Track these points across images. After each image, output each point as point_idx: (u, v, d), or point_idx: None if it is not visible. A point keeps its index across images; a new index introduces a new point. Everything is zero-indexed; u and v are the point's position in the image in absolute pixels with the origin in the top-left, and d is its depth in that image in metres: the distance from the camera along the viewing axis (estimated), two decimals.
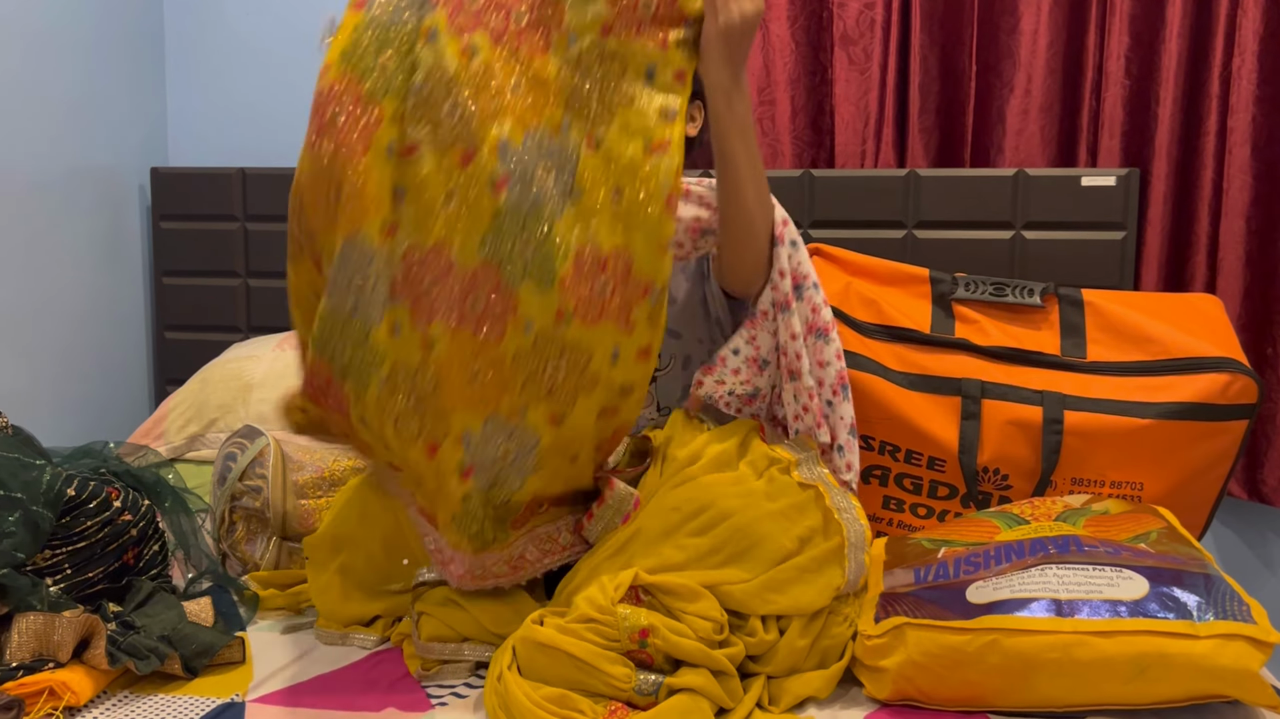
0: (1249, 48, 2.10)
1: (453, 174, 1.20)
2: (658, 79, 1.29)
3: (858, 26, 2.31)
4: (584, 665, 1.23)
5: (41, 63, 2.28)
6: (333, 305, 1.23)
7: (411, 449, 1.28)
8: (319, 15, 2.60)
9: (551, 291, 1.21)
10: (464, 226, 1.20)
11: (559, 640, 1.24)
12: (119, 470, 1.59)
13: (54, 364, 2.33)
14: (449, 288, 1.21)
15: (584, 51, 1.26)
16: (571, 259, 1.21)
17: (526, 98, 1.23)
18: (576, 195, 1.23)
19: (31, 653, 1.30)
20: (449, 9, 1.23)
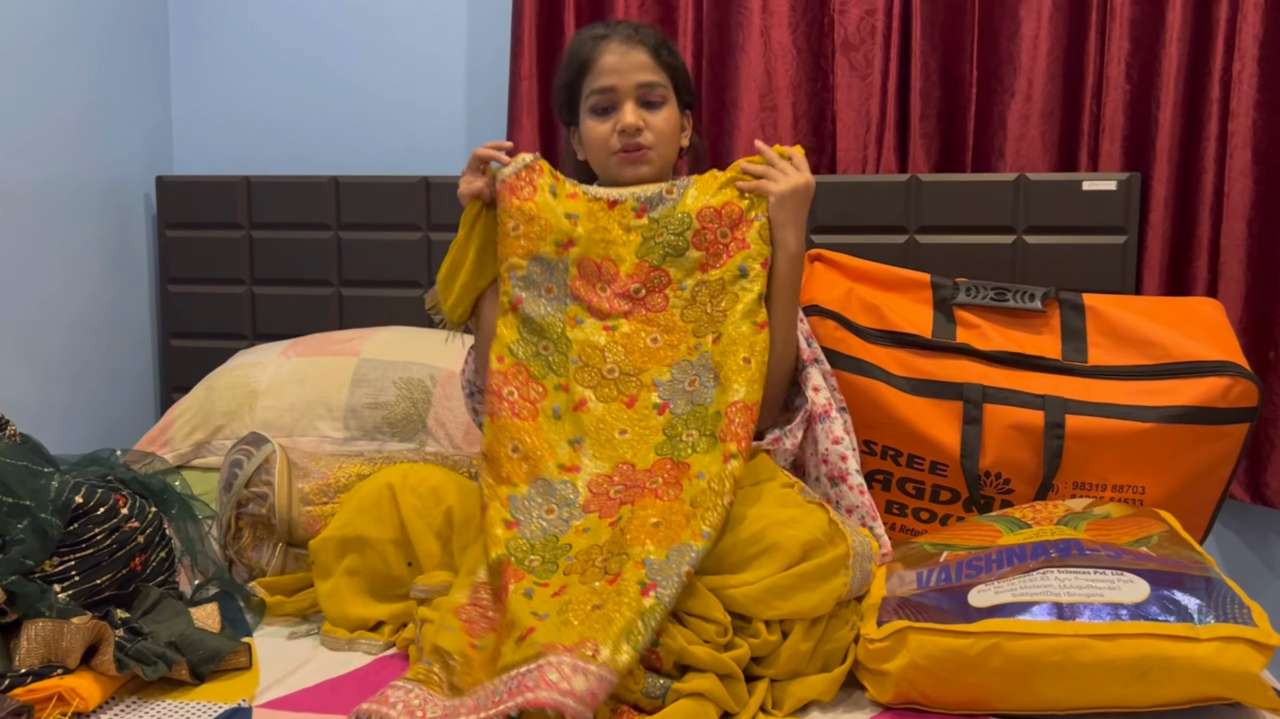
0: (1249, 52, 2.10)
1: (621, 415, 1.57)
2: (749, 272, 1.61)
3: (859, 33, 2.31)
4: None
5: (47, 73, 2.29)
6: (525, 530, 1.47)
7: (590, 585, 1.37)
8: (324, 25, 2.62)
9: (715, 448, 1.49)
10: (639, 448, 1.54)
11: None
12: (126, 478, 1.60)
13: (60, 372, 2.34)
14: (631, 488, 1.50)
15: (694, 290, 1.62)
16: (724, 418, 1.51)
17: (664, 345, 1.61)
18: (718, 377, 1.56)
19: (41, 659, 1.31)
20: (584, 302, 1.62)
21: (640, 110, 1.66)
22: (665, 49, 1.70)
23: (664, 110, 1.68)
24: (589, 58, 1.68)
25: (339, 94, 2.63)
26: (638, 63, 1.66)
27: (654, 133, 1.67)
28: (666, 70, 1.69)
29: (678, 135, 1.72)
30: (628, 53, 1.66)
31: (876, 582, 1.46)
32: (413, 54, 2.61)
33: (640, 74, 1.66)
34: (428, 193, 2.45)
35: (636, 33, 1.69)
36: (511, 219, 1.62)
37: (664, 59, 1.69)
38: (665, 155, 1.70)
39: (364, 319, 2.47)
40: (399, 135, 2.61)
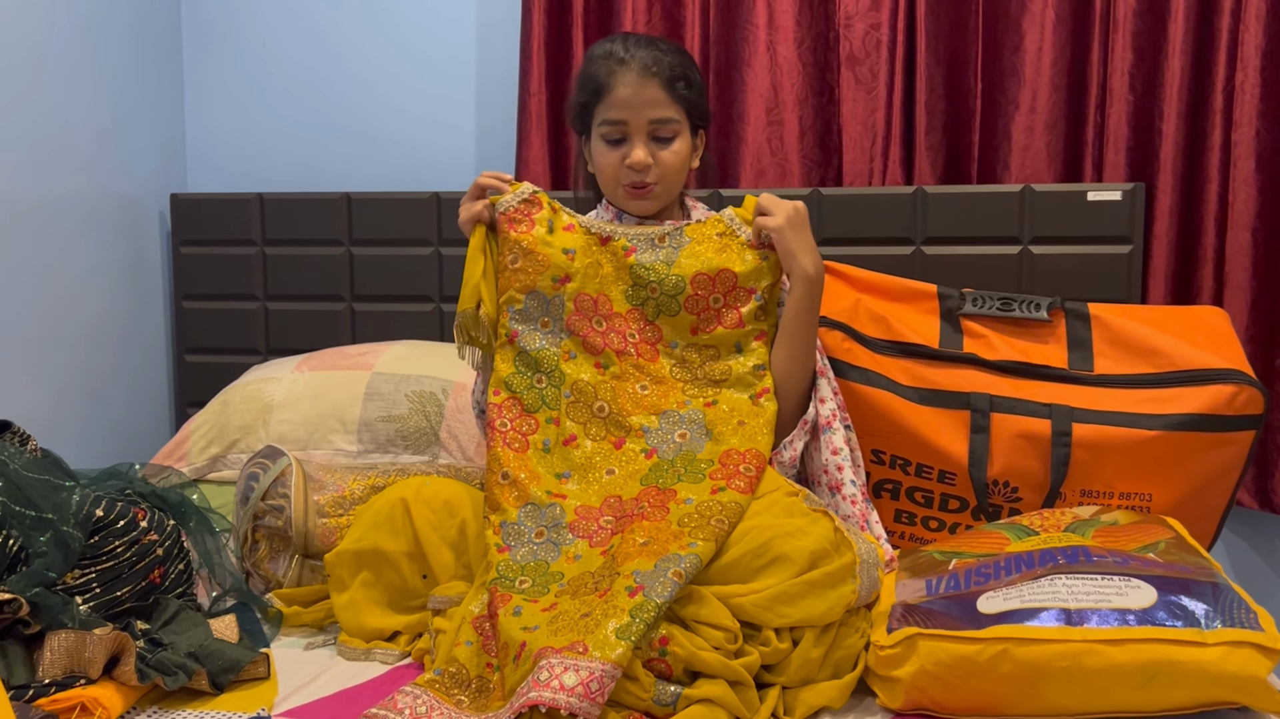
0: (1251, 63, 2.12)
1: (609, 455, 1.61)
2: (745, 348, 1.67)
3: (864, 47, 2.34)
4: None
5: (63, 92, 2.33)
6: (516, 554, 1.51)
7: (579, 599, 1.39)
8: (335, 43, 2.65)
9: (703, 482, 1.53)
10: (626, 484, 1.58)
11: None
12: (144, 491, 1.62)
13: (78, 387, 2.37)
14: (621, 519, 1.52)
15: (684, 351, 1.68)
16: (718, 462, 1.57)
17: (652, 394, 1.65)
18: (711, 434, 1.61)
19: (64, 670, 1.33)
20: (579, 337, 1.65)
21: (650, 145, 1.66)
22: (682, 80, 1.67)
23: (674, 144, 1.67)
24: (604, 84, 1.67)
25: (351, 111, 2.66)
26: (651, 98, 1.64)
27: (661, 168, 1.67)
28: (681, 103, 1.67)
29: (686, 167, 1.72)
30: (642, 87, 1.64)
31: (886, 589, 1.47)
32: (423, 72, 2.64)
33: (652, 110, 1.65)
34: (439, 208, 2.48)
35: (654, 63, 1.65)
36: (510, 252, 1.65)
37: (679, 92, 1.66)
38: (671, 188, 1.71)
39: (376, 333, 2.50)
40: (410, 152, 2.64)
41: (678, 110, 1.66)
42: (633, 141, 1.66)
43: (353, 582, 1.56)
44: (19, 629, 1.36)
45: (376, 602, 1.56)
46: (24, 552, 1.43)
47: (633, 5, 2.39)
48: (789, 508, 1.45)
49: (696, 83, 1.71)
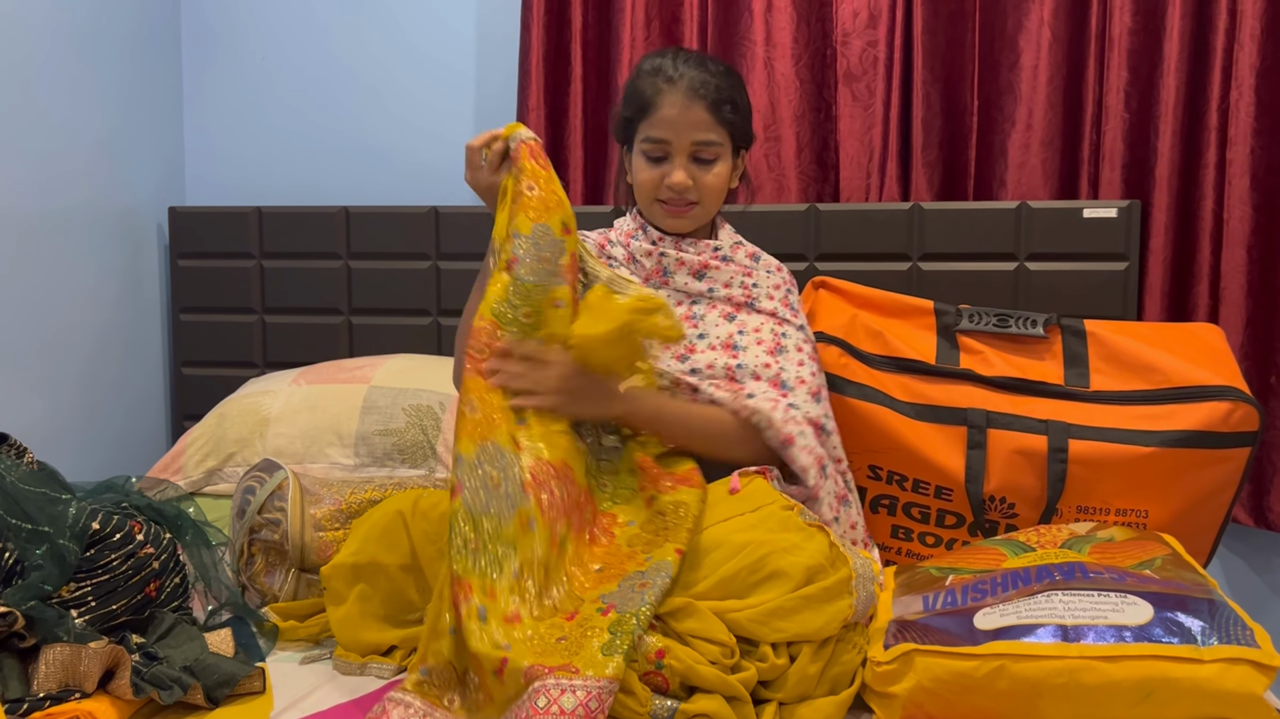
0: (1246, 81, 2.14)
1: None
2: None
3: (861, 64, 2.35)
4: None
5: (62, 105, 2.33)
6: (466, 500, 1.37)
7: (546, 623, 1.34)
8: (334, 57, 2.66)
9: (636, 498, 1.52)
10: (574, 456, 1.48)
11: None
12: (141, 504, 1.62)
13: (74, 399, 2.37)
14: (571, 496, 1.45)
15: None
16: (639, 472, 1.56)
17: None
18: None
19: (59, 683, 1.32)
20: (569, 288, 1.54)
21: (691, 166, 1.65)
22: (729, 104, 1.65)
23: (715, 167, 1.67)
24: (650, 100, 1.65)
25: (349, 126, 2.67)
26: (696, 120, 1.63)
27: (701, 189, 1.67)
28: (725, 126, 1.65)
29: (725, 188, 1.71)
30: (688, 108, 1.63)
31: (883, 605, 1.47)
32: (422, 86, 2.65)
33: (697, 133, 1.64)
34: (436, 222, 2.48)
35: (702, 85, 1.63)
36: (528, 179, 1.54)
37: (725, 115, 1.64)
38: (709, 209, 1.72)
39: (374, 347, 2.50)
40: (408, 166, 2.65)
41: (721, 133, 1.65)
42: (674, 162, 1.65)
43: (349, 595, 1.56)
44: (14, 642, 1.35)
45: (373, 615, 1.56)
46: (20, 564, 1.42)
47: (631, 22, 2.40)
48: (784, 522, 1.45)
49: (743, 106, 1.69)
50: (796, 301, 1.76)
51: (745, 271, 1.72)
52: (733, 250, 1.75)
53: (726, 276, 1.72)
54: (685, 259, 1.71)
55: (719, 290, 1.71)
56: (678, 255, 1.70)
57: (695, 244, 1.73)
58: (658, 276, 1.72)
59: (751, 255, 1.77)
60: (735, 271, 1.72)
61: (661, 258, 1.71)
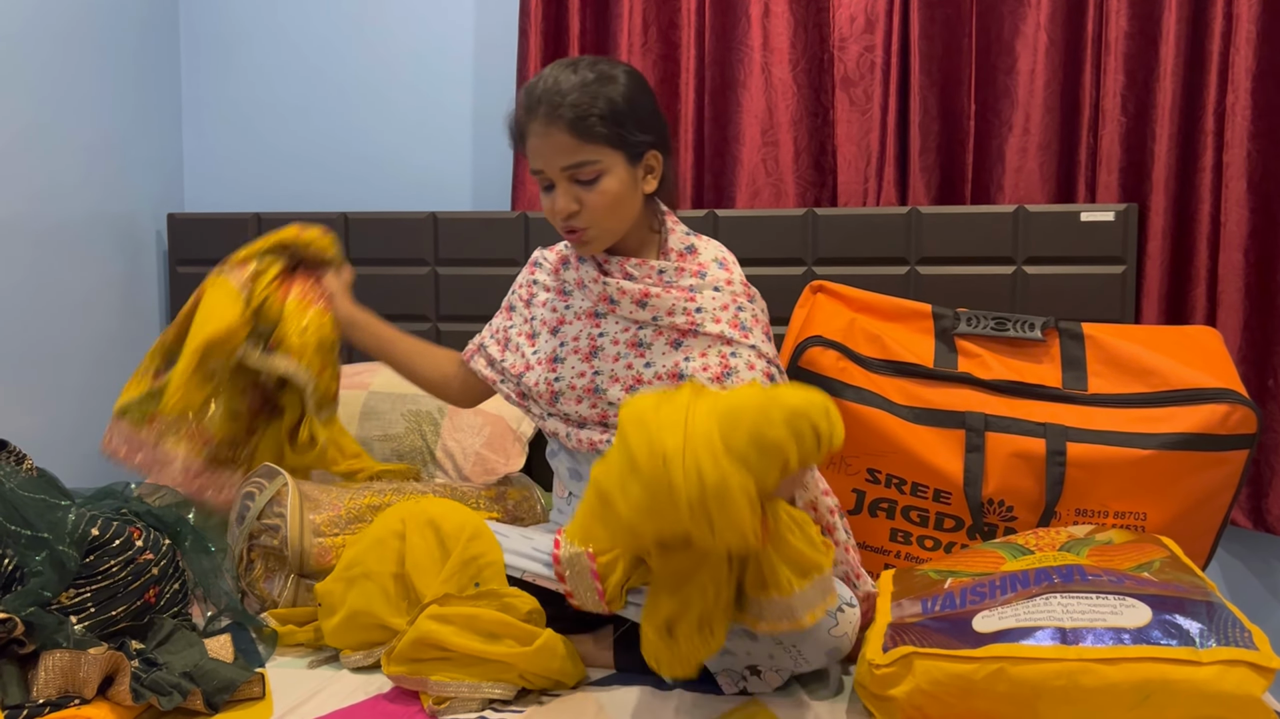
0: (1242, 85, 2.14)
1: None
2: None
3: (858, 69, 2.36)
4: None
5: (60, 111, 2.34)
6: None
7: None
8: (332, 63, 2.67)
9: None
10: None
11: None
12: (140, 510, 1.62)
13: (73, 406, 2.37)
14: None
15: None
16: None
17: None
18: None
19: (58, 689, 1.32)
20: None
21: (575, 189, 1.54)
22: (594, 117, 1.51)
23: (600, 184, 1.54)
24: (522, 131, 1.58)
25: (348, 132, 2.68)
26: (560, 145, 1.52)
27: (589, 210, 1.55)
28: (597, 140, 1.52)
29: (625, 200, 1.57)
30: (548, 135, 1.52)
31: (881, 608, 1.48)
32: (420, 92, 2.65)
33: (564, 158, 1.53)
34: (435, 228, 2.49)
35: (557, 108, 1.51)
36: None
37: (593, 130, 1.52)
38: (610, 225, 1.58)
39: None
40: (407, 172, 2.65)
41: (594, 149, 1.53)
42: (555, 188, 1.56)
43: (341, 610, 1.55)
44: (14, 649, 1.36)
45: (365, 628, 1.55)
46: (19, 571, 1.43)
47: (629, 28, 2.41)
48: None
49: (620, 112, 1.54)
50: (748, 319, 1.61)
51: (689, 296, 1.59)
52: (677, 274, 1.62)
53: (669, 304, 1.59)
54: (626, 289, 1.61)
55: (663, 319, 1.59)
56: (618, 285, 1.61)
57: (640, 267, 1.62)
58: (605, 303, 1.63)
59: (697, 273, 1.62)
60: (678, 298, 1.59)
61: (605, 287, 1.62)
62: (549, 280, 1.74)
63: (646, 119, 1.58)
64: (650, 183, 1.61)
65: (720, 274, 1.63)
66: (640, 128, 1.56)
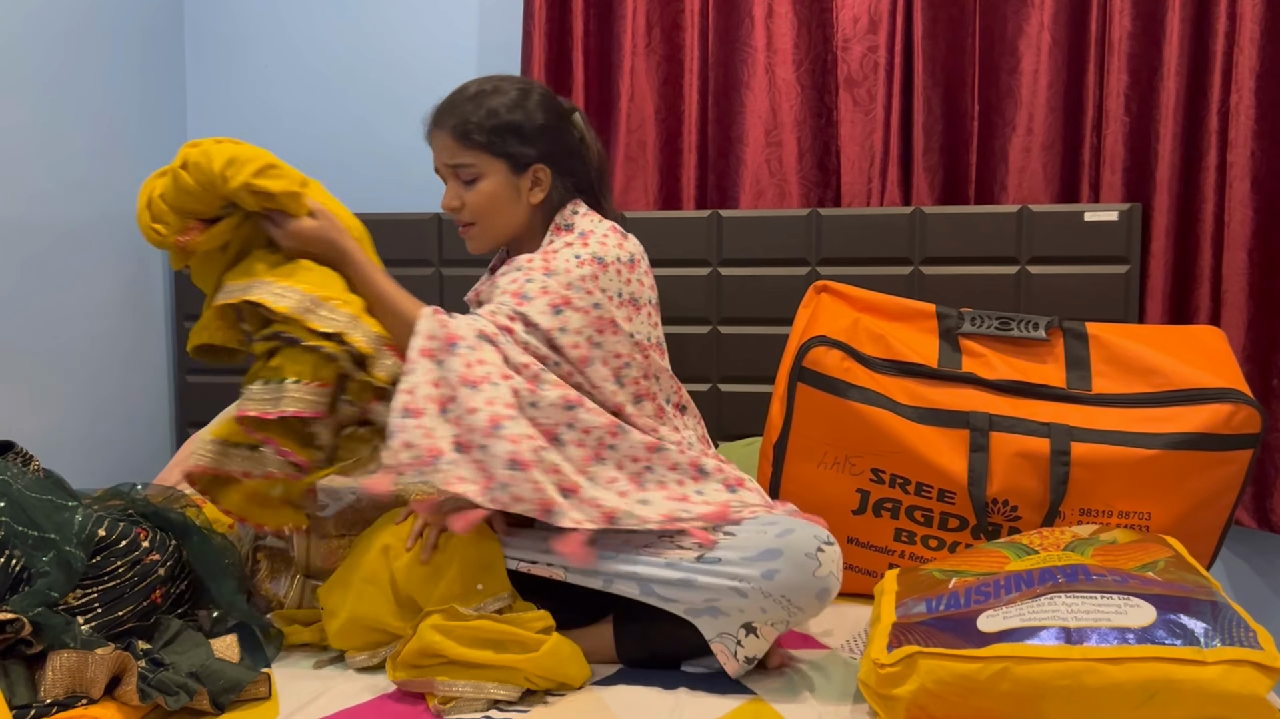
0: (1246, 85, 2.14)
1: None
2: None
3: (861, 69, 2.36)
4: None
5: (65, 113, 2.35)
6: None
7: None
8: (336, 65, 2.67)
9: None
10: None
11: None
12: (147, 511, 1.63)
13: (79, 407, 2.38)
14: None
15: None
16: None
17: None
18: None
19: (65, 689, 1.33)
20: None
21: (460, 189, 1.70)
22: (474, 126, 1.66)
23: (480, 185, 1.68)
24: (427, 135, 1.74)
25: (352, 133, 2.68)
26: (443, 146, 1.70)
27: (470, 209, 1.70)
28: (475, 147, 1.67)
29: (504, 203, 1.69)
30: (436, 137, 1.71)
31: (886, 608, 1.48)
32: (424, 93, 2.64)
33: (448, 157, 1.69)
34: (439, 229, 2.49)
35: (446, 114, 1.70)
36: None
37: (470, 137, 1.66)
38: (493, 225, 1.71)
39: None
40: (412, 173, 2.65)
41: (472, 154, 1.67)
42: (447, 187, 1.72)
43: (342, 613, 1.56)
44: (21, 649, 1.36)
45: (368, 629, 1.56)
46: (26, 571, 1.43)
47: (632, 29, 2.42)
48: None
49: (500, 124, 1.66)
50: (534, 289, 1.60)
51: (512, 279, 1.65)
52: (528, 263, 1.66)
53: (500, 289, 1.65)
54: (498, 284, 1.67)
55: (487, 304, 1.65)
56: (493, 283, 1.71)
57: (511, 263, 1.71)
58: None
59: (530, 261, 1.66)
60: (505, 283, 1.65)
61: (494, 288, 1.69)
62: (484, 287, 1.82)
63: (532, 134, 1.69)
64: (537, 194, 1.71)
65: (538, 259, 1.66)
66: (522, 141, 1.68)
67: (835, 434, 1.82)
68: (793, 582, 1.45)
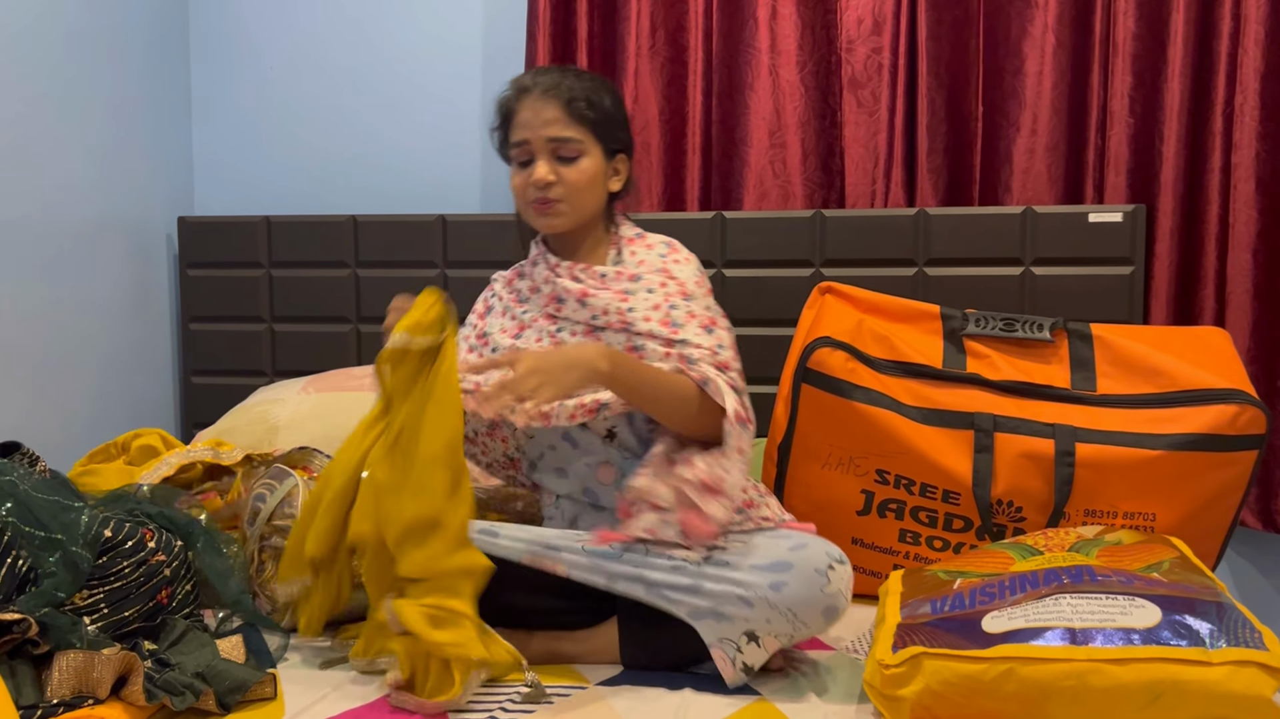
0: (1250, 86, 2.14)
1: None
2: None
3: (865, 70, 2.36)
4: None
5: (70, 115, 2.35)
6: None
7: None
8: (341, 67, 2.68)
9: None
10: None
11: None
12: (152, 512, 1.63)
13: (85, 409, 2.39)
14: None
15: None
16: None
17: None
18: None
19: (72, 690, 1.33)
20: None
21: (554, 164, 1.66)
22: (584, 101, 1.66)
23: (579, 163, 1.66)
24: (511, 109, 1.70)
25: (357, 135, 2.69)
26: (549, 118, 1.65)
27: (565, 186, 1.66)
28: (582, 123, 1.66)
29: (596, 185, 1.69)
30: (541, 108, 1.65)
31: (891, 608, 1.48)
32: (429, 95, 2.66)
33: (551, 129, 1.65)
34: (444, 231, 2.49)
35: (555, 87, 1.67)
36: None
37: (579, 112, 1.66)
38: (580, 206, 1.68)
39: None
40: (415, 175, 2.66)
41: (579, 130, 1.66)
42: (536, 160, 1.67)
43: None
44: (28, 649, 1.36)
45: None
46: (33, 572, 1.44)
47: (636, 30, 2.42)
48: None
49: (604, 107, 1.69)
50: (681, 315, 1.65)
51: (621, 297, 1.66)
52: (616, 277, 1.68)
53: (604, 303, 1.66)
54: (570, 288, 1.68)
55: (600, 318, 1.66)
56: (564, 285, 1.68)
57: (585, 271, 1.70)
58: (554, 303, 1.70)
59: (633, 276, 1.68)
60: (610, 299, 1.66)
61: (555, 285, 1.69)
62: (504, 292, 1.81)
63: (624, 126, 1.75)
64: (615, 182, 1.74)
65: (653, 280, 1.69)
66: (617, 128, 1.72)
67: (840, 435, 1.83)
68: (800, 595, 1.45)
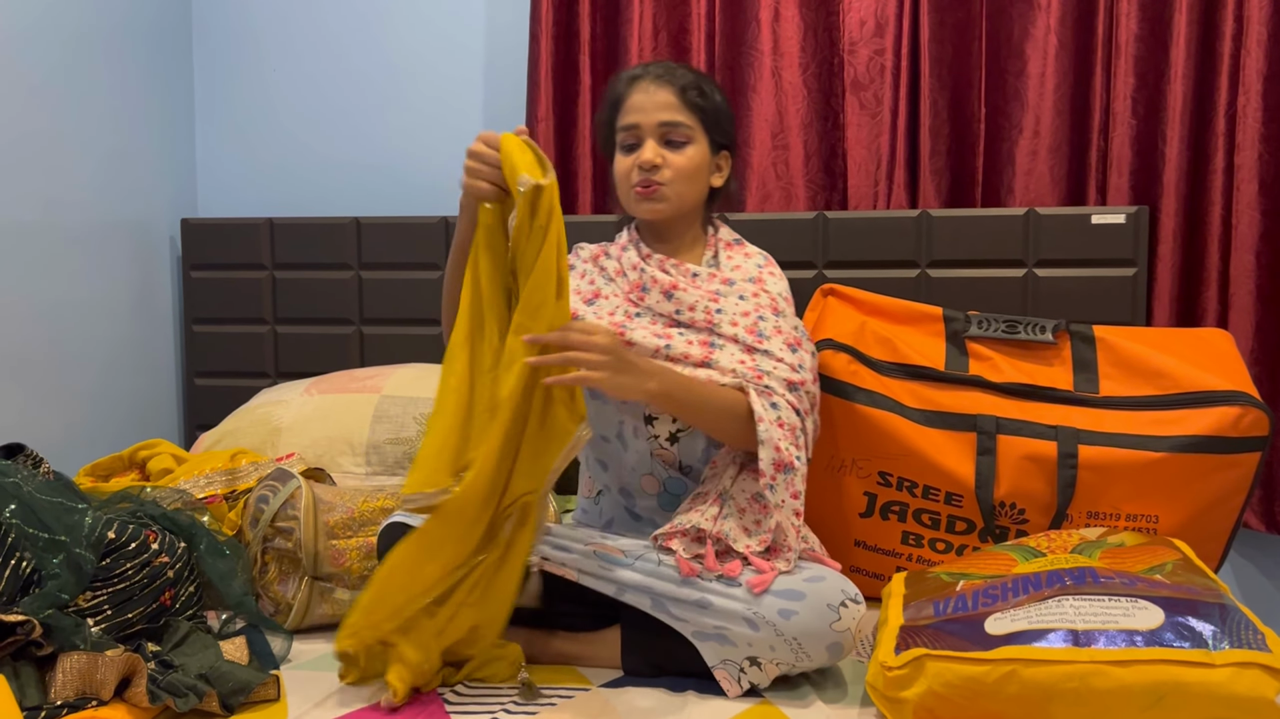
0: (1253, 87, 2.14)
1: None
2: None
3: (868, 72, 2.36)
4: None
5: (73, 117, 2.36)
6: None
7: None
8: (344, 69, 2.68)
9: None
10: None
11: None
12: (155, 514, 1.64)
13: (89, 410, 2.39)
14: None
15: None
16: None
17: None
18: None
19: (76, 691, 1.33)
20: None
21: (661, 149, 1.66)
22: (695, 90, 1.68)
23: (687, 150, 1.66)
24: (621, 95, 1.70)
25: (359, 137, 2.69)
26: (662, 102, 1.66)
27: (672, 170, 1.65)
28: (694, 111, 1.67)
29: (701, 175, 1.69)
30: (654, 92, 1.67)
31: (893, 610, 1.48)
32: (431, 97, 2.66)
33: (663, 113, 1.66)
34: (446, 233, 2.50)
35: (668, 73, 1.69)
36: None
37: (691, 99, 1.67)
38: (683, 193, 1.67)
39: (385, 357, 2.52)
40: (418, 177, 2.66)
41: (689, 116, 1.67)
42: (644, 143, 1.67)
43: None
44: (31, 651, 1.37)
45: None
46: (37, 574, 1.44)
47: (639, 32, 2.42)
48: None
49: (714, 98, 1.71)
50: (769, 329, 1.65)
51: (712, 297, 1.66)
52: (709, 278, 1.69)
53: (692, 299, 1.65)
54: (658, 279, 1.67)
55: (684, 313, 1.65)
56: (652, 274, 1.68)
57: (677, 267, 1.69)
58: (638, 291, 1.69)
59: (727, 280, 1.69)
60: (700, 297, 1.65)
61: (642, 274, 1.69)
62: (589, 265, 1.78)
63: (731, 123, 1.76)
64: (718, 178, 1.74)
65: (746, 288, 1.69)
66: (725, 123, 1.74)
67: (842, 437, 1.82)
68: (808, 627, 1.44)
